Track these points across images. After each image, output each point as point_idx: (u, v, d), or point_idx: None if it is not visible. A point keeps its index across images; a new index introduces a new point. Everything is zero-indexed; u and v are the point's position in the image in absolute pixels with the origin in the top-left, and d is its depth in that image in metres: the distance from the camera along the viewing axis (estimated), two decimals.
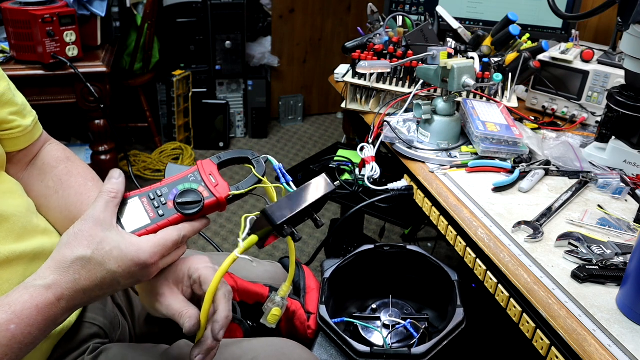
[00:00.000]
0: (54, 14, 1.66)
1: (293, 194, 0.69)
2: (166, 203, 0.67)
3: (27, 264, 0.73)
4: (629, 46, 1.03)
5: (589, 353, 0.71)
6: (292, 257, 0.81)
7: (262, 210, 0.67)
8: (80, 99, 1.82)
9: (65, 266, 0.60)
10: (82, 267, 0.61)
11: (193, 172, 0.70)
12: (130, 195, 0.68)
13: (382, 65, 1.35)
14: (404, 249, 1.10)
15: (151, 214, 0.67)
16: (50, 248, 0.77)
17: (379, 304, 1.09)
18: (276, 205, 0.68)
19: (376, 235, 2.39)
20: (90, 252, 0.61)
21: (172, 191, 0.68)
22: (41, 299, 0.58)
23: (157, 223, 0.66)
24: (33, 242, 0.74)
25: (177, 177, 0.70)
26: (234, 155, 0.73)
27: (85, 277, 0.61)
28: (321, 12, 3.43)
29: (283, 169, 0.74)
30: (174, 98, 2.99)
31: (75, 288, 0.60)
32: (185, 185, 0.68)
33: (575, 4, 1.63)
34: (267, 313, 0.85)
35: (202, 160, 0.71)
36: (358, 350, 0.89)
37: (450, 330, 0.92)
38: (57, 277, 0.60)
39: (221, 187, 0.69)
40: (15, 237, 0.72)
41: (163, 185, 0.69)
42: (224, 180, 0.70)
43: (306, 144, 3.38)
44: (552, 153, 1.16)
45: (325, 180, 0.71)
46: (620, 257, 0.85)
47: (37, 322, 0.58)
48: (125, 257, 0.61)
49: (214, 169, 0.71)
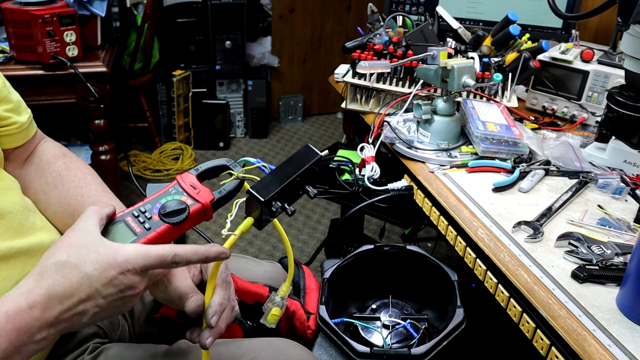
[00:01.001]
0: (54, 14, 1.66)
1: (277, 169, 0.69)
2: (151, 217, 0.66)
3: (25, 260, 0.72)
4: (629, 46, 1.03)
5: (589, 353, 0.71)
6: (291, 257, 0.81)
7: (247, 190, 0.67)
8: (80, 99, 1.82)
9: (41, 272, 0.58)
10: (57, 272, 0.57)
11: (174, 186, 0.69)
12: (115, 218, 0.67)
13: (382, 65, 1.35)
14: (404, 249, 1.10)
15: (137, 229, 0.65)
16: (48, 244, 0.77)
17: (379, 304, 1.09)
18: (260, 182, 0.67)
19: (376, 235, 2.39)
20: (66, 256, 0.58)
21: (156, 205, 0.67)
22: (11, 306, 0.55)
23: (145, 237, 0.65)
24: (31, 239, 0.74)
25: (158, 193, 0.69)
26: (211, 165, 0.73)
27: (59, 282, 0.57)
28: (321, 12, 3.43)
29: (262, 161, 0.74)
30: (174, 98, 2.99)
31: (49, 294, 0.56)
32: (168, 197, 0.68)
33: (575, 4, 1.63)
34: (267, 313, 0.85)
35: (180, 174, 0.71)
36: (358, 350, 0.89)
37: (450, 331, 0.92)
38: (31, 284, 0.57)
39: (203, 193, 0.69)
40: (13, 234, 0.72)
41: (146, 202, 0.68)
42: (205, 187, 0.70)
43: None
44: (552, 153, 1.16)
45: (310, 149, 0.71)
46: (620, 257, 0.85)
47: (6, 331, 0.54)
48: (101, 260, 0.58)
49: (193, 179, 0.70)
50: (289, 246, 0.78)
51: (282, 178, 0.67)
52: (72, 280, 0.57)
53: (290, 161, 0.69)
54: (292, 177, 0.67)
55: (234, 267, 1.01)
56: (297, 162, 0.69)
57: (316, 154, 0.71)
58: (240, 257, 1.09)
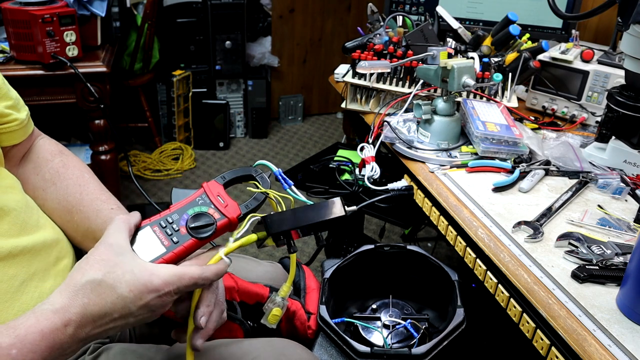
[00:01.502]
0: (54, 14, 1.66)
1: (301, 210, 0.71)
2: (179, 229, 0.66)
3: (30, 259, 0.72)
4: (629, 46, 1.03)
5: (589, 353, 0.71)
6: (293, 257, 0.81)
7: (264, 216, 0.69)
8: (80, 99, 1.82)
9: (75, 290, 0.58)
10: (92, 291, 0.58)
11: (200, 195, 0.69)
12: (141, 226, 0.68)
13: (382, 65, 1.35)
14: (404, 249, 1.10)
15: (165, 242, 0.66)
16: (51, 241, 0.77)
17: (379, 304, 1.09)
18: (279, 215, 0.69)
19: (376, 235, 2.39)
20: (101, 275, 0.58)
21: (183, 216, 0.67)
22: (46, 324, 0.55)
23: (172, 251, 0.65)
24: (35, 237, 0.74)
25: (185, 201, 0.69)
26: (238, 174, 0.73)
27: (95, 302, 0.57)
28: (321, 12, 3.43)
29: (282, 173, 0.75)
30: (174, 98, 2.99)
31: (84, 313, 0.57)
32: (195, 209, 0.68)
33: (575, 4, 1.63)
34: (268, 313, 0.85)
35: (207, 182, 0.71)
36: (358, 350, 0.89)
37: (450, 331, 0.92)
38: (66, 301, 0.57)
39: (231, 207, 0.69)
40: (18, 231, 0.72)
41: (172, 212, 0.68)
42: (232, 200, 0.70)
43: (306, 144, 3.38)
44: (552, 153, 1.16)
45: (338, 204, 0.72)
46: (620, 257, 0.85)
47: (41, 348, 0.55)
48: (137, 282, 0.58)
49: (220, 189, 0.70)
50: None
51: (298, 220, 0.70)
52: (107, 300, 0.58)
53: (315, 207, 0.71)
54: (307, 224, 0.70)
55: (234, 268, 1.01)
56: (321, 211, 0.71)
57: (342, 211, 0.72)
58: (240, 257, 1.09)
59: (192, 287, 0.63)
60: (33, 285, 0.72)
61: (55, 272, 0.77)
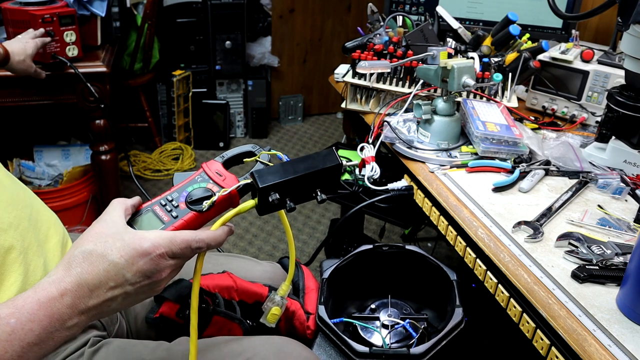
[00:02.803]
0: (54, 14, 1.66)
1: (290, 162, 0.68)
2: (178, 205, 0.67)
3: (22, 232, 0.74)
4: (629, 46, 1.03)
5: (589, 353, 0.71)
6: (293, 257, 0.81)
7: (251, 172, 0.67)
8: (80, 99, 1.82)
9: (69, 262, 0.60)
10: (84, 260, 0.59)
11: (200, 174, 0.70)
12: (142, 208, 0.68)
13: (382, 65, 1.35)
14: (403, 249, 1.10)
15: (165, 218, 0.66)
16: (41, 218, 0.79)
17: (378, 304, 1.09)
18: (267, 169, 0.67)
19: (376, 235, 2.39)
20: (92, 245, 0.60)
21: (182, 194, 0.68)
22: (43, 294, 0.57)
23: (172, 224, 0.65)
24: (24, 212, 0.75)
25: (184, 181, 0.70)
26: (238, 151, 0.73)
27: (88, 270, 0.59)
28: (321, 12, 3.43)
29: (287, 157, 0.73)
30: (174, 98, 2.99)
31: (79, 282, 0.58)
32: (194, 185, 0.68)
33: (575, 4, 1.63)
34: (267, 312, 0.85)
35: (206, 162, 0.71)
36: (357, 350, 0.89)
37: (449, 330, 0.92)
38: (61, 272, 0.59)
39: (229, 179, 0.69)
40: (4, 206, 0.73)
41: (172, 191, 0.69)
42: (230, 174, 0.70)
43: (306, 144, 3.38)
44: (552, 153, 1.16)
45: (331, 154, 0.69)
46: (620, 257, 0.85)
47: (39, 317, 0.56)
48: (127, 247, 0.60)
49: (219, 166, 0.71)
50: (293, 247, 0.78)
51: (289, 172, 0.66)
52: (99, 268, 0.59)
53: (306, 158, 0.69)
54: (299, 175, 0.67)
55: (233, 267, 1.01)
56: (313, 162, 0.68)
57: (336, 160, 0.69)
58: (239, 257, 1.09)
59: (186, 250, 0.63)
60: (28, 258, 0.73)
61: (47, 248, 0.78)
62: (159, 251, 0.60)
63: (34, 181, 2.22)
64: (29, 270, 0.72)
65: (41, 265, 0.75)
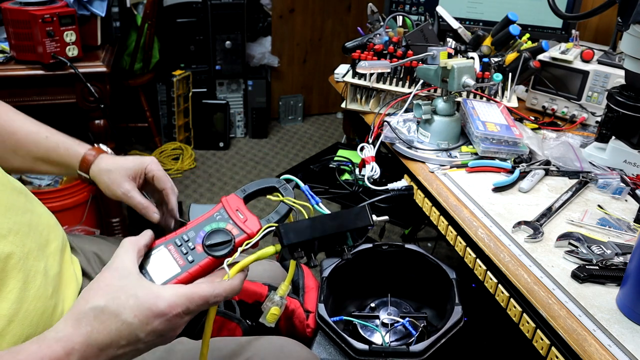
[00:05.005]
0: (54, 14, 1.66)
1: (319, 218, 0.64)
2: (194, 247, 0.63)
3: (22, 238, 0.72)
4: (629, 46, 1.03)
5: (589, 353, 0.71)
6: None
7: (277, 226, 0.63)
8: (80, 99, 1.82)
9: (78, 318, 0.55)
10: (95, 318, 0.55)
11: (219, 210, 0.65)
12: (155, 245, 0.64)
13: (382, 65, 1.35)
14: (402, 247, 1.10)
15: (180, 262, 0.62)
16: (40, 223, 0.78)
17: (378, 302, 1.09)
18: (294, 224, 0.63)
19: (376, 235, 2.39)
20: (104, 301, 0.56)
21: (199, 234, 0.63)
22: (48, 352, 0.53)
23: (188, 270, 0.61)
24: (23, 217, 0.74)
25: (202, 217, 0.65)
26: (260, 186, 0.69)
27: (98, 329, 0.55)
28: (321, 12, 3.43)
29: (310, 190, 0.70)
30: (174, 98, 2.99)
31: (88, 342, 0.54)
32: (212, 225, 0.64)
33: (575, 4, 1.63)
34: (266, 312, 0.85)
35: (226, 197, 0.67)
36: (357, 348, 0.89)
37: (448, 328, 0.92)
38: (69, 329, 0.55)
39: (251, 222, 0.64)
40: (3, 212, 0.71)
41: (189, 229, 0.64)
42: (252, 214, 0.65)
43: (306, 144, 3.38)
44: (552, 153, 1.16)
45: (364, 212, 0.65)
46: (620, 257, 0.85)
47: None
48: (142, 306, 0.55)
49: (240, 203, 0.66)
50: None
51: (316, 230, 0.63)
52: (111, 327, 0.55)
53: (337, 216, 0.65)
54: (326, 234, 0.63)
55: None
56: (343, 221, 0.64)
57: (368, 221, 0.65)
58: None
59: (203, 306, 0.59)
60: (28, 264, 0.70)
61: (48, 253, 0.76)
62: (176, 311, 0.57)
63: (34, 181, 2.21)
64: (29, 276, 0.70)
65: (41, 270, 0.73)
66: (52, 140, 0.92)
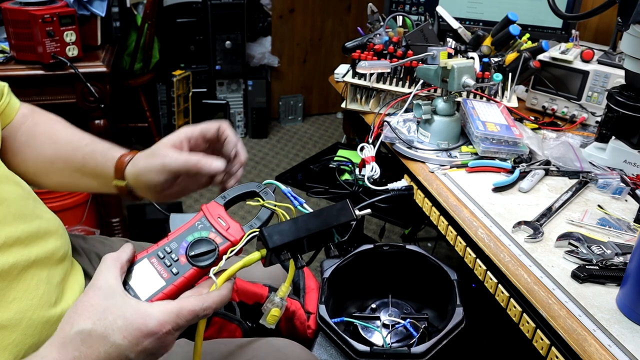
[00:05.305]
0: (54, 14, 1.66)
1: (301, 218, 0.64)
2: (178, 259, 0.62)
3: (29, 247, 0.71)
4: (629, 46, 1.03)
5: (589, 353, 0.71)
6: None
7: (260, 230, 0.63)
8: (80, 99, 1.82)
9: (64, 342, 0.53)
10: (83, 343, 0.53)
11: (200, 219, 0.64)
12: (137, 258, 0.63)
13: (382, 65, 1.35)
14: (403, 248, 1.10)
15: (164, 275, 0.61)
16: (47, 230, 0.76)
17: (379, 303, 1.09)
18: (277, 227, 0.62)
19: (376, 235, 2.39)
20: (90, 323, 0.54)
21: (182, 244, 0.62)
22: None
23: (173, 283, 0.60)
24: (31, 225, 0.72)
25: (183, 227, 0.64)
26: (240, 192, 0.68)
27: (87, 354, 0.53)
28: (321, 12, 3.43)
29: (292, 192, 0.69)
30: (174, 98, 2.99)
31: None
32: (195, 234, 0.63)
33: (575, 4, 1.63)
34: (267, 313, 0.85)
35: (206, 205, 0.66)
36: (358, 349, 0.89)
37: (449, 330, 0.92)
38: (55, 355, 0.53)
39: (233, 229, 0.63)
40: (11, 220, 0.70)
41: (171, 240, 0.63)
42: (234, 221, 0.64)
43: (306, 144, 3.38)
44: (552, 153, 1.16)
45: (346, 207, 0.65)
46: (620, 257, 0.85)
47: None
48: (130, 327, 0.54)
49: (221, 210, 0.65)
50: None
51: (301, 230, 0.62)
52: (99, 350, 0.53)
53: (320, 213, 0.64)
54: (311, 233, 0.63)
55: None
56: (326, 218, 0.64)
57: (351, 216, 0.65)
58: (239, 256, 1.09)
59: (193, 320, 0.58)
60: (31, 273, 0.70)
61: (52, 260, 0.76)
62: (165, 329, 0.55)
63: None
64: (31, 285, 0.69)
65: (44, 278, 0.72)
66: (91, 148, 0.83)
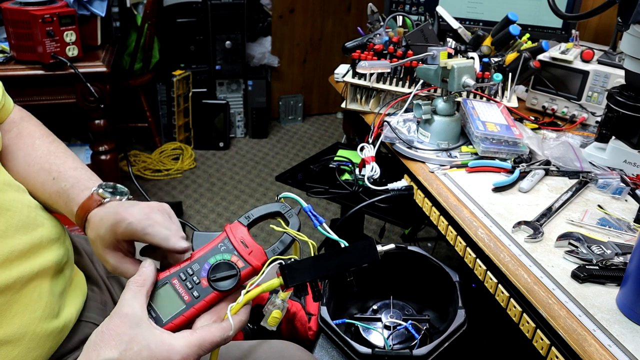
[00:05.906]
0: (54, 14, 1.66)
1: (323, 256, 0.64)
2: (199, 282, 0.63)
3: (32, 258, 0.70)
4: (629, 46, 1.03)
5: (589, 353, 0.71)
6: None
7: (281, 266, 0.63)
8: (80, 99, 1.82)
9: None
10: None
11: (223, 241, 0.65)
12: (160, 278, 0.64)
13: (382, 65, 1.35)
14: (405, 249, 1.10)
15: (185, 297, 0.62)
16: (50, 239, 0.74)
17: (380, 305, 1.09)
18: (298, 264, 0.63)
19: (376, 235, 2.39)
20: (117, 353, 0.55)
21: (204, 266, 0.63)
22: None
23: (193, 306, 0.62)
24: (34, 235, 0.71)
25: (206, 248, 0.65)
26: (264, 212, 0.68)
27: None
28: (321, 12, 3.43)
29: (313, 209, 0.70)
30: (174, 98, 2.99)
31: None
32: (217, 257, 0.64)
33: (575, 4, 1.62)
34: (268, 315, 0.85)
35: (230, 225, 0.66)
36: (359, 351, 0.89)
37: (451, 332, 0.92)
38: None
39: (256, 253, 0.64)
40: (14, 232, 0.69)
41: (193, 261, 0.64)
42: (256, 244, 0.65)
43: (306, 144, 3.38)
44: (552, 153, 1.16)
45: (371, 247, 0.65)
46: (620, 257, 0.85)
47: None
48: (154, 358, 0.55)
49: (244, 232, 0.66)
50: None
51: (321, 269, 0.63)
52: None
53: (342, 252, 0.65)
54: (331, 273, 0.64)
55: None
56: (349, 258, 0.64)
57: (375, 257, 0.65)
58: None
59: (214, 349, 0.60)
60: (33, 285, 0.69)
61: (55, 271, 0.75)
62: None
63: None
64: (33, 298, 0.69)
65: (46, 290, 0.71)
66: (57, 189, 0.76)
